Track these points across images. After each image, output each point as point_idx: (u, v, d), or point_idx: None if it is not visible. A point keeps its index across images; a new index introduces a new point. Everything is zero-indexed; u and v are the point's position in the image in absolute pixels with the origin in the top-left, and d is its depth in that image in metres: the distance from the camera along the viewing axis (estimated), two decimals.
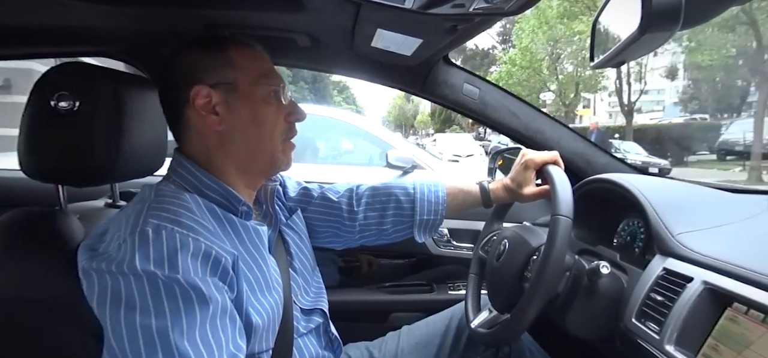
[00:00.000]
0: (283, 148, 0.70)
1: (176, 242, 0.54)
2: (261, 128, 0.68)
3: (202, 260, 0.55)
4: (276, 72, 0.71)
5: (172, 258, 0.53)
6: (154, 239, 0.53)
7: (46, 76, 0.67)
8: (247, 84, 0.66)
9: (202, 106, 0.65)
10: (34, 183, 0.69)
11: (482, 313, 0.87)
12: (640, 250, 0.83)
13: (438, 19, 0.72)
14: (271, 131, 0.68)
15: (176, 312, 0.51)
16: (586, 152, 1.12)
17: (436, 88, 1.11)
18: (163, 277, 0.52)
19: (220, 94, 0.65)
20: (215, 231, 0.60)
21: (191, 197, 0.62)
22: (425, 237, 0.93)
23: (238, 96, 0.66)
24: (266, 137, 0.68)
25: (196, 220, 0.58)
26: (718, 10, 0.60)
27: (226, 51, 0.67)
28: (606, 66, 0.71)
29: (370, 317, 1.27)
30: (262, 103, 0.67)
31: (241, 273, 0.61)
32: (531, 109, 1.14)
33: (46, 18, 0.85)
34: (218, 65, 0.66)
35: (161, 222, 0.55)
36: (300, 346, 0.75)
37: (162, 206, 0.58)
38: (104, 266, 0.53)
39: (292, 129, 0.72)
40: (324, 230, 0.91)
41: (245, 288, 0.61)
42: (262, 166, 0.71)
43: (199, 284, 0.53)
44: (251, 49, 0.70)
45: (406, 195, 0.91)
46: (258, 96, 0.67)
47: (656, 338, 0.60)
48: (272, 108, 0.68)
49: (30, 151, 0.67)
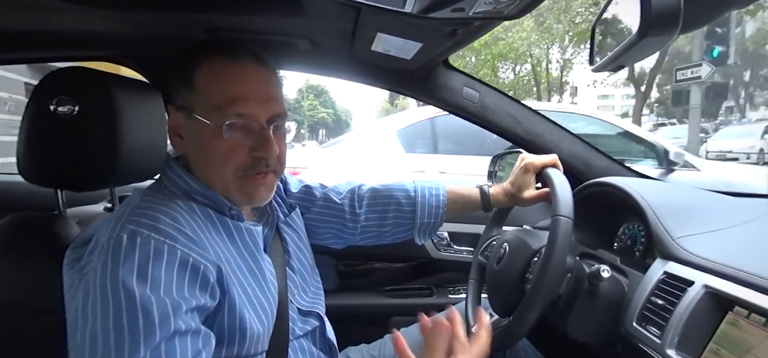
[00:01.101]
0: (239, 185, 0.64)
1: (150, 250, 0.53)
2: (208, 161, 0.63)
3: (178, 269, 0.54)
4: (252, 98, 0.62)
5: (143, 268, 0.52)
6: (127, 247, 0.52)
7: (45, 81, 0.67)
8: (203, 111, 0.61)
9: (171, 127, 0.65)
10: (32, 187, 0.69)
11: None
12: (640, 253, 0.83)
13: (438, 23, 0.72)
14: (220, 166, 0.62)
15: (135, 333, 0.49)
16: (586, 156, 1.12)
17: (436, 91, 1.11)
18: (127, 294, 0.50)
19: (182, 117, 0.64)
20: (198, 238, 0.58)
21: (183, 203, 0.61)
22: (425, 239, 0.94)
23: (192, 122, 0.62)
24: (215, 171, 0.63)
25: (177, 227, 0.56)
26: (717, 13, 0.60)
27: (193, 72, 0.63)
28: (605, 69, 0.71)
29: (371, 321, 1.27)
30: (211, 136, 0.61)
31: (231, 278, 0.60)
32: (531, 113, 1.14)
33: (47, 23, 0.86)
34: (181, 87, 0.64)
35: (138, 228, 0.54)
36: (295, 348, 0.74)
37: (144, 211, 0.57)
38: (82, 277, 0.53)
39: (258, 165, 0.64)
40: (326, 230, 0.91)
41: (237, 292, 0.60)
42: (224, 195, 0.65)
43: (166, 302, 0.51)
44: (226, 68, 0.62)
45: (407, 198, 0.91)
46: (208, 129, 0.61)
47: (657, 342, 0.60)
48: (222, 142, 0.61)
49: (29, 155, 0.67)
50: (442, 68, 1.09)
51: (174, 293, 0.52)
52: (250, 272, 0.65)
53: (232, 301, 0.59)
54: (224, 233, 0.64)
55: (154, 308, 0.50)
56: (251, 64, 0.64)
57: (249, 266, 0.65)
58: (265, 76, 0.66)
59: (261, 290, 0.65)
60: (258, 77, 0.64)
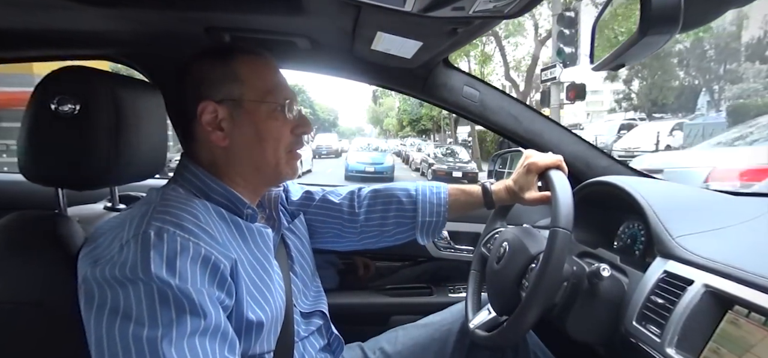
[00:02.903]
0: (287, 161, 0.71)
1: (177, 245, 0.54)
2: (265, 144, 0.68)
3: (201, 265, 0.55)
4: (284, 84, 0.71)
5: (172, 262, 0.53)
6: (155, 242, 0.54)
7: (46, 80, 0.67)
8: (253, 100, 0.67)
9: (208, 122, 0.66)
10: (33, 186, 0.69)
11: (482, 312, 0.87)
12: (640, 252, 0.83)
13: (438, 22, 0.72)
14: (275, 146, 0.69)
15: (168, 322, 0.51)
16: (586, 155, 1.12)
17: (436, 90, 1.11)
18: (161, 283, 0.52)
19: (225, 110, 0.66)
20: (217, 236, 0.60)
21: (199, 202, 0.63)
22: (427, 239, 0.93)
23: (242, 112, 0.67)
24: (270, 152, 0.69)
25: (199, 224, 0.58)
26: (718, 12, 0.60)
27: (233, 65, 0.67)
28: (606, 68, 0.71)
29: (370, 320, 1.27)
30: (267, 120, 0.68)
31: (242, 275, 0.61)
32: (531, 112, 1.14)
33: (48, 22, 0.86)
34: (224, 81, 0.66)
35: (164, 225, 0.55)
36: (300, 349, 0.75)
37: (166, 210, 0.58)
38: (108, 273, 0.53)
39: (299, 141, 0.72)
40: (325, 230, 0.92)
41: (246, 290, 0.61)
42: (266, 178, 0.72)
43: (194, 294, 0.53)
44: (259, 60, 0.70)
45: (408, 196, 0.91)
46: (263, 112, 0.67)
47: (657, 341, 0.60)
48: (277, 123, 0.68)
49: (30, 154, 0.67)
50: (442, 67, 1.09)
51: (201, 286, 0.54)
52: (263, 270, 0.66)
53: (240, 298, 0.60)
54: (237, 232, 0.65)
55: (185, 299, 0.52)
56: (270, 59, 0.72)
57: (262, 264, 0.66)
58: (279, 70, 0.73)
59: (269, 290, 0.65)
60: (278, 70, 0.73)
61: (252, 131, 0.67)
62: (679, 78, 23.47)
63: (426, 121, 25.61)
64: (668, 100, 22.35)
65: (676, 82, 23.21)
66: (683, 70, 23.17)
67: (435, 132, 26.73)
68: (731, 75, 21.67)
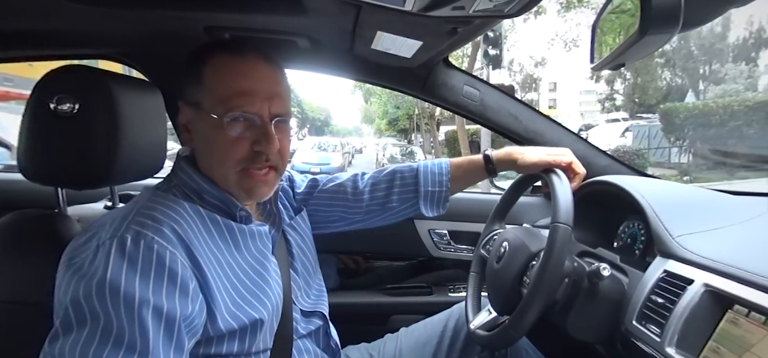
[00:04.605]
0: (239, 179, 0.65)
1: (153, 254, 0.53)
2: (211, 154, 0.65)
3: (168, 277, 0.53)
4: (252, 92, 0.63)
5: (145, 272, 0.52)
6: (131, 249, 0.52)
7: (46, 79, 0.67)
8: (209, 105, 0.63)
9: (181, 123, 0.66)
10: (33, 186, 0.69)
11: (482, 313, 0.87)
12: (640, 252, 0.83)
13: (438, 21, 0.72)
14: (221, 158, 0.64)
15: (132, 332, 0.49)
16: (586, 154, 1.12)
17: (437, 90, 1.11)
18: (127, 293, 0.50)
19: (190, 112, 0.66)
20: (200, 245, 0.59)
21: (190, 206, 0.62)
22: (433, 211, 0.92)
23: (200, 116, 0.64)
24: (216, 164, 0.65)
25: (178, 232, 0.57)
26: (718, 11, 0.60)
27: (201, 66, 0.64)
28: (605, 68, 0.71)
29: (371, 320, 1.27)
30: (215, 129, 0.63)
31: (224, 283, 0.60)
32: (531, 111, 1.14)
33: (47, 21, 0.86)
34: (191, 82, 0.65)
35: (143, 230, 0.54)
36: (299, 348, 0.75)
37: (149, 213, 0.57)
38: (71, 292, 0.51)
39: (258, 159, 0.65)
40: (330, 212, 0.92)
41: (229, 295, 0.60)
42: (225, 188, 0.66)
43: (160, 304, 0.52)
44: (232, 62, 0.64)
45: (410, 170, 0.93)
46: (213, 120, 0.62)
47: (657, 340, 0.60)
48: (225, 134, 0.62)
49: (29, 153, 0.67)
50: (442, 66, 1.09)
51: (162, 301, 0.52)
52: (257, 273, 0.65)
53: (219, 305, 0.59)
54: (230, 238, 0.64)
55: (149, 313, 0.50)
56: (257, 61, 0.65)
57: (256, 266, 0.66)
58: (271, 73, 0.67)
59: (263, 291, 0.65)
60: (263, 74, 0.66)
61: (202, 137, 0.65)
62: (666, 79, 23.71)
63: (403, 121, 25.49)
64: (652, 101, 22.43)
65: (662, 83, 23.36)
66: (670, 71, 23.35)
67: (414, 132, 26.43)
68: (714, 76, 21.90)
